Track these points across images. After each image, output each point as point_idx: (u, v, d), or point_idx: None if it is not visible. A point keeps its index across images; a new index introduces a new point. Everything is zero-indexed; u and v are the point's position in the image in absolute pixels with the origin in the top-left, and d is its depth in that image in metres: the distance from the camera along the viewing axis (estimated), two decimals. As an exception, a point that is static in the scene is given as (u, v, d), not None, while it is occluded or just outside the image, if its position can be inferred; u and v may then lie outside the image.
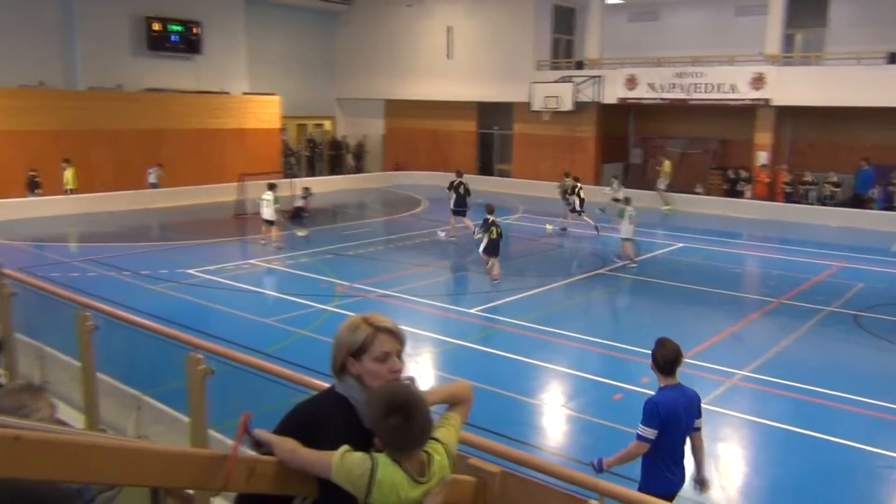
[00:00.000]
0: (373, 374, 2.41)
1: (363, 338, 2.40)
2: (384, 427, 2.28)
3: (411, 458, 2.33)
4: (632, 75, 26.49)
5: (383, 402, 2.29)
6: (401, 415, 2.26)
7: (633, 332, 11.74)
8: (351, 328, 2.44)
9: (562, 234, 20.57)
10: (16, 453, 1.79)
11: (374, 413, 2.31)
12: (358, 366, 2.43)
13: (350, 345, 2.42)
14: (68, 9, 25.44)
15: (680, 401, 5.04)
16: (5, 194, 21.57)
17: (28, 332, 7.65)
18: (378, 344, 2.41)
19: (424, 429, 2.33)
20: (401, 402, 2.29)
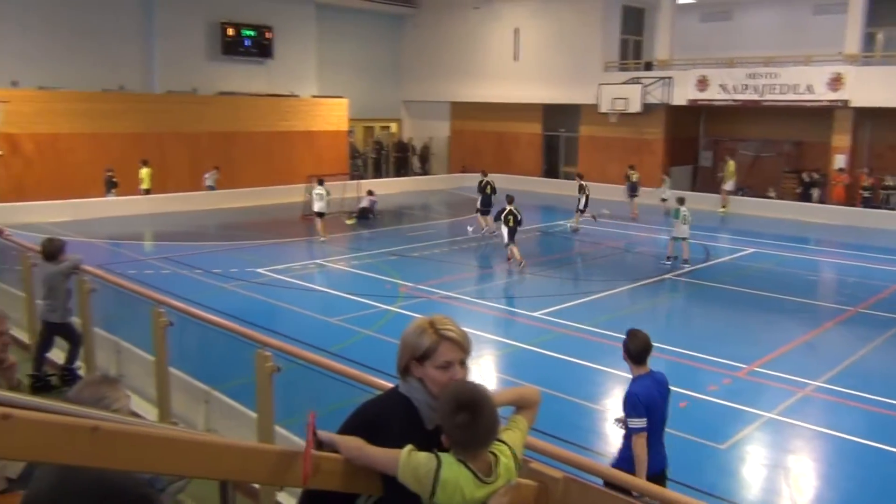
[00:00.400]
0: (434, 380, 2.42)
1: (427, 344, 2.41)
2: (451, 424, 2.29)
3: (477, 458, 2.32)
4: (703, 76, 25.92)
5: (451, 399, 2.30)
6: (468, 412, 2.27)
7: (701, 339, 11.48)
8: (417, 332, 2.45)
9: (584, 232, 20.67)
10: (94, 443, 1.85)
11: (442, 410, 2.32)
12: (420, 370, 2.44)
13: (414, 349, 2.43)
14: (149, 16, 26.43)
15: (654, 387, 5.37)
16: (86, 194, 22.50)
17: (106, 326, 7.95)
18: (441, 352, 2.41)
19: (491, 428, 2.33)
20: (468, 400, 2.29)
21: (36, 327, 7.80)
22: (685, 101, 26.52)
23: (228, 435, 5.86)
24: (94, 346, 7.17)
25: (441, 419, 2.33)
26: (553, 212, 25.79)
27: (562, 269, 16.81)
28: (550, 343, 11.27)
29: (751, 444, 8.07)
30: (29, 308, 7.88)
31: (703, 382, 9.51)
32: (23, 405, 1.99)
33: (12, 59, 22.55)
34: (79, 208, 21.54)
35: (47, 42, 23.90)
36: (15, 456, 2.02)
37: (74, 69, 24.32)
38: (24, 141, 22.42)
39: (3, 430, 1.72)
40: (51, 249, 7.44)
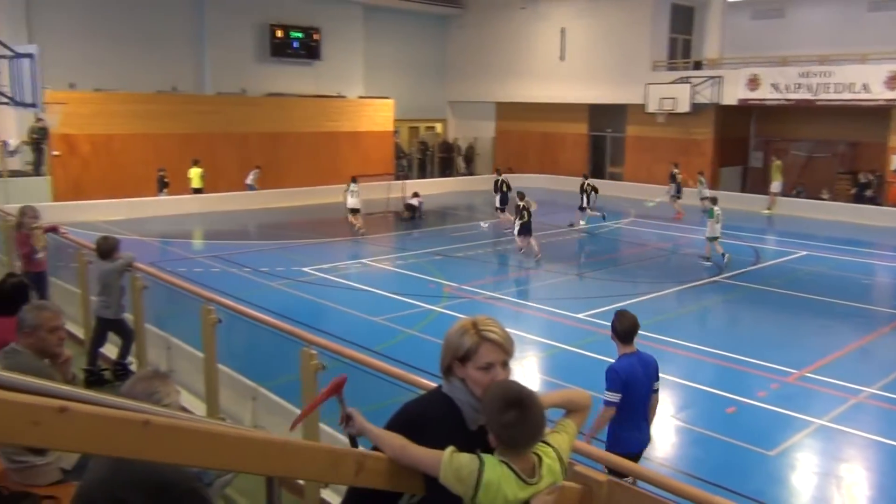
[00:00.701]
0: (475, 381, 2.41)
1: (469, 345, 2.40)
2: (499, 422, 2.28)
3: (522, 458, 2.32)
4: (754, 75, 25.42)
5: (499, 397, 2.29)
6: (517, 410, 2.26)
7: (749, 343, 11.25)
8: (459, 332, 2.44)
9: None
10: (145, 437, 1.90)
11: (490, 408, 2.30)
12: (462, 370, 2.44)
13: (456, 349, 2.43)
14: (200, 19, 27.00)
15: (637, 366, 5.54)
16: (139, 193, 23.06)
17: (157, 322, 8.14)
18: (482, 353, 2.40)
19: (539, 426, 2.32)
20: (516, 398, 2.28)
21: (90, 323, 8.02)
22: (735, 100, 26.04)
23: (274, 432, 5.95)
24: (146, 342, 7.34)
25: (488, 417, 2.32)
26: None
27: (607, 270, 16.64)
28: (595, 345, 11.15)
29: (801, 451, 7.89)
30: (84, 304, 8.10)
31: (752, 387, 9.33)
32: (78, 398, 2.06)
33: (70, 63, 23.20)
34: (132, 207, 22.09)
35: (103, 46, 24.56)
36: (70, 447, 2.09)
37: (129, 72, 24.95)
38: (80, 142, 23.07)
39: (60, 422, 1.77)
40: (105, 248, 7.64)
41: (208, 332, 5.90)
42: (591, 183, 22.28)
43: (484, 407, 2.34)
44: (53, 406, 1.77)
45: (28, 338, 4.01)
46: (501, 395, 2.30)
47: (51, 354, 4.12)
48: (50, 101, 19.39)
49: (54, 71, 20.50)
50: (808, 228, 22.00)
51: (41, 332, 4.03)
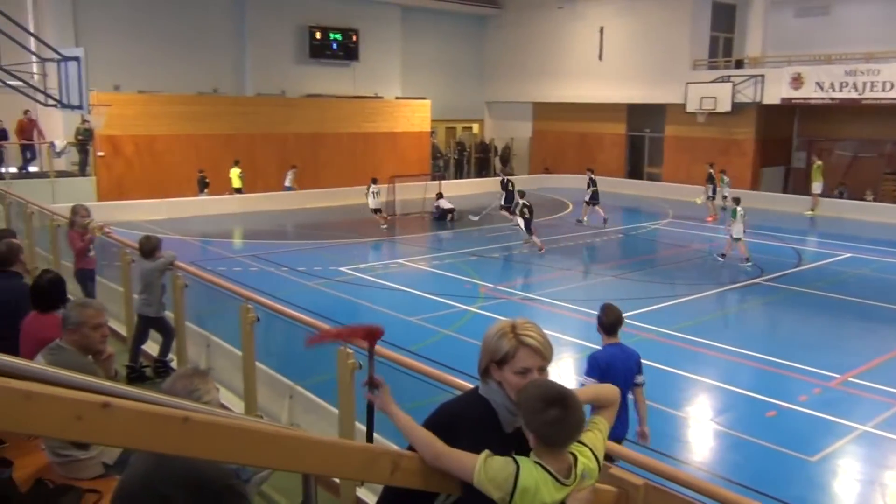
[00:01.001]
0: (512, 385, 2.40)
1: (506, 349, 2.38)
2: (542, 421, 2.25)
3: (558, 458, 2.30)
4: (797, 74, 24.94)
5: (540, 396, 2.27)
6: (559, 407, 2.24)
7: (790, 347, 11.05)
8: (497, 335, 2.42)
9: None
10: (185, 433, 1.93)
11: (530, 407, 2.28)
12: (499, 373, 2.43)
13: (494, 352, 2.41)
14: (241, 22, 27.38)
15: (618, 356, 5.95)
16: (180, 193, 23.46)
17: (197, 321, 8.26)
18: (520, 358, 2.38)
19: (579, 424, 2.31)
20: (557, 396, 2.26)
21: (133, 321, 8.18)
22: (778, 99, 25.57)
23: (310, 430, 6.00)
24: (186, 340, 7.45)
25: (527, 416, 2.29)
26: (637, 214, 25.33)
27: (644, 271, 16.47)
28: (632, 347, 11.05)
29: (843, 457, 7.72)
30: (127, 302, 8.25)
31: (793, 392, 9.16)
32: (120, 395, 2.10)
33: (115, 65, 23.69)
34: (174, 207, 22.46)
35: (147, 49, 25.03)
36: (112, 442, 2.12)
37: (172, 74, 25.40)
38: (124, 142, 23.54)
39: (102, 417, 1.81)
40: (147, 247, 7.78)
41: (247, 331, 5.97)
42: (594, 177, 22.53)
43: (523, 405, 2.31)
44: (96, 402, 1.81)
45: (72, 334, 4.10)
46: (542, 393, 2.28)
47: (94, 351, 4.21)
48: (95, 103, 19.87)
49: (100, 73, 20.95)
50: (852, 230, 21.52)
51: (85, 328, 4.11)
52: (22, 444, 4.34)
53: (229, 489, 2.91)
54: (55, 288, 5.02)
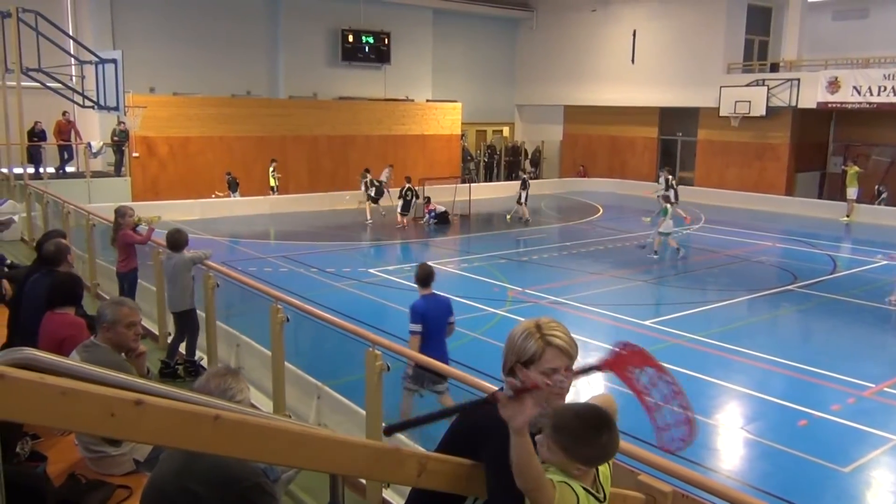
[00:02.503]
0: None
1: (533, 350, 2.37)
2: (592, 445, 2.22)
3: (587, 473, 2.30)
4: (834, 77, 24.53)
5: (590, 421, 2.24)
6: (607, 433, 2.23)
7: (823, 355, 10.87)
8: (523, 335, 2.41)
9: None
10: (215, 431, 1.95)
11: (581, 432, 2.23)
12: (525, 373, 2.43)
13: (519, 353, 2.40)
14: (275, 25, 27.67)
15: (433, 304, 7.30)
16: (213, 194, 23.75)
17: (227, 320, 8.35)
18: (546, 359, 2.36)
19: (618, 442, 2.31)
20: (605, 420, 2.25)
21: (165, 320, 8.30)
22: (814, 103, 25.17)
23: (338, 430, 6.04)
24: (217, 339, 7.54)
25: (576, 439, 2.24)
26: (668, 218, 25.06)
27: (675, 277, 16.31)
28: (661, 353, 10.93)
29: (877, 468, 7.57)
30: (160, 301, 8.37)
31: (826, 401, 9.01)
32: (153, 392, 2.13)
33: (150, 67, 24.06)
34: (206, 207, 22.75)
35: (182, 52, 25.39)
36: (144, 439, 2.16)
37: (206, 76, 25.73)
38: (158, 144, 23.90)
39: (135, 414, 1.84)
40: (175, 241, 7.86)
41: (276, 331, 6.02)
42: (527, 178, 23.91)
43: (568, 432, 2.25)
44: (129, 399, 1.84)
45: (107, 332, 4.17)
46: (591, 418, 2.25)
47: (127, 349, 4.28)
48: (131, 105, 20.21)
49: (136, 75, 21.28)
50: (890, 237, 21.11)
51: (119, 327, 4.18)
52: (56, 440, 4.43)
53: (258, 488, 2.94)
54: (68, 287, 5.08)
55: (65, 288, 5.03)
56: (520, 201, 22.86)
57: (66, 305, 4.91)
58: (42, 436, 4.36)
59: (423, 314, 7.14)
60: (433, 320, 7.20)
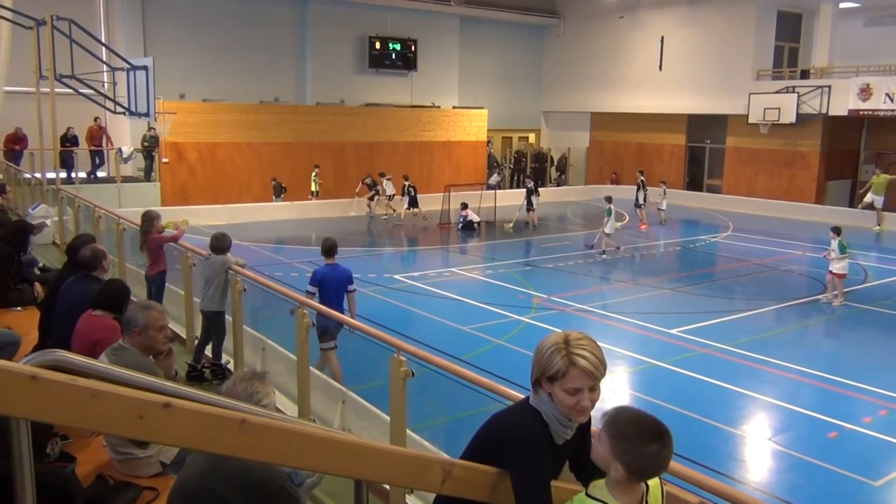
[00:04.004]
0: (561, 401, 2.38)
1: (558, 367, 2.35)
2: (641, 450, 2.20)
3: (634, 489, 2.28)
4: (866, 84, 24.17)
5: (645, 428, 2.23)
6: (659, 443, 2.20)
7: (855, 366, 10.69)
8: (551, 350, 2.38)
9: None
10: (241, 435, 1.97)
11: (632, 439, 2.21)
12: (549, 387, 2.40)
13: (545, 367, 2.39)
14: (303, 33, 27.93)
15: (331, 273, 8.38)
16: (241, 199, 23.99)
17: (253, 324, 8.41)
18: (570, 378, 2.34)
19: (671, 456, 2.26)
20: (661, 432, 2.22)
21: (193, 323, 8.37)
22: (845, 111, 24.81)
23: (362, 436, 6.05)
24: (243, 343, 7.59)
25: (627, 446, 2.22)
26: (695, 226, 24.88)
27: (702, 285, 16.15)
28: (688, 362, 10.86)
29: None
30: (188, 305, 8.45)
31: (857, 413, 8.86)
32: (181, 395, 2.16)
33: (181, 74, 24.39)
34: (234, 212, 22.95)
35: (212, 59, 25.70)
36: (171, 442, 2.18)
37: (235, 83, 26.01)
38: (188, 149, 24.19)
39: (163, 417, 1.86)
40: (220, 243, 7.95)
41: (302, 336, 6.05)
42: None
43: (621, 436, 2.23)
44: (158, 401, 1.86)
45: (138, 336, 4.22)
46: (644, 426, 2.23)
47: (157, 351, 4.33)
48: (162, 111, 20.48)
49: (166, 82, 21.61)
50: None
51: (151, 330, 4.24)
52: (85, 441, 4.48)
53: (283, 492, 2.95)
54: (118, 295, 5.15)
55: (113, 294, 5.08)
56: (529, 209, 22.97)
57: (106, 309, 4.97)
58: (71, 437, 4.42)
59: (320, 279, 8.27)
60: (331, 286, 8.29)
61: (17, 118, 20.55)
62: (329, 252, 8.54)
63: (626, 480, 2.25)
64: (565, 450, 2.55)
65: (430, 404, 7.77)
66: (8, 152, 21.42)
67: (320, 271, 8.39)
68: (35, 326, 6.09)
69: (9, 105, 20.37)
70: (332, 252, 8.54)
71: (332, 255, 8.54)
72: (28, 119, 18.84)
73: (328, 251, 8.55)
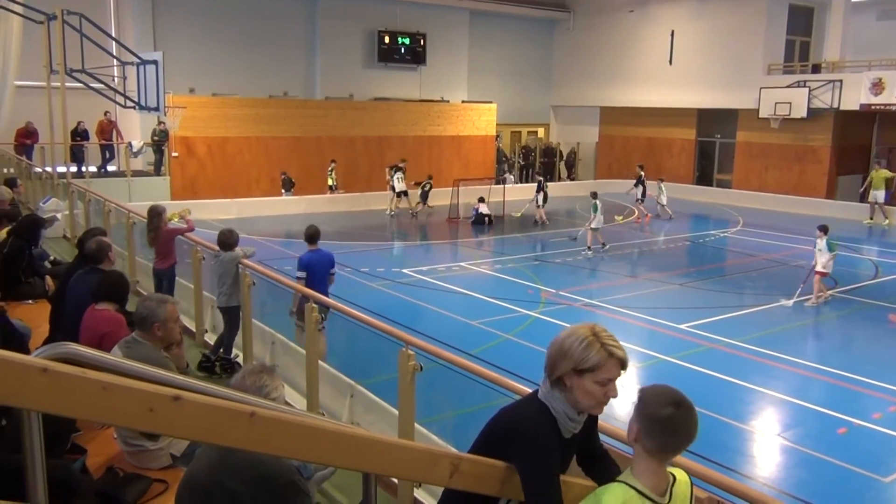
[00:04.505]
0: (589, 393, 2.39)
1: (596, 359, 2.36)
2: (659, 416, 2.21)
3: (659, 473, 2.29)
4: (878, 79, 23.98)
5: (662, 397, 2.24)
6: (677, 407, 2.21)
7: (864, 362, 10.64)
8: (583, 343, 2.39)
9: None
10: (251, 428, 1.98)
11: (651, 406, 2.24)
12: (576, 381, 2.40)
13: (579, 361, 2.38)
14: (312, 27, 27.91)
15: (315, 258, 8.88)
16: (249, 194, 24.04)
17: (262, 318, 8.44)
18: (606, 369, 2.38)
19: (694, 430, 2.25)
20: (677, 397, 2.24)
21: (202, 316, 8.41)
22: (857, 105, 24.63)
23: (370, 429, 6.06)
24: (252, 337, 7.62)
25: (647, 413, 2.24)
26: (705, 221, 24.80)
27: (711, 280, 16.09)
28: (697, 357, 10.83)
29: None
30: (197, 298, 8.49)
31: (867, 409, 8.82)
32: (191, 388, 2.17)
33: (190, 69, 24.42)
34: (243, 207, 23.01)
35: (221, 53, 25.72)
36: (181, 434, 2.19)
37: (244, 77, 26.03)
38: (197, 144, 24.25)
39: (173, 410, 1.88)
40: (227, 240, 7.99)
41: (311, 330, 6.07)
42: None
43: (641, 402, 2.27)
44: (168, 394, 1.88)
45: (158, 331, 4.25)
46: (663, 394, 2.26)
47: (174, 342, 4.37)
48: (171, 105, 20.52)
49: (176, 76, 21.62)
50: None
51: (169, 323, 4.29)
52: (95, 433, 4.52)
53: (291, 485, 2.97)
54: (116, 285, 5.18)
55: (111, 285, 5.13)
56: (538, 204, 22.79)
57: (109, 302, 5.00)
58: (82, 429, 4.45)
59: (307, 265, 8.80)
60: (316, 271, 8.81)
61: (29, 112, 20.65)
62: (312, 238, 8.99)
63: (647, 456, 2.26)
64: (572, 444, 2.56)
65: (438, 398, 7.78)
66: (19, 146, 21.52)
67: (306, 257, 8.86)
68: (46, 319, 6.14)
69: (20, 99, 20.48)
70: (314, 238, 9.00)
71: (315, 241, 9.00)
72: (39, 113, 18.94)
73: (311, 238, 9.00)
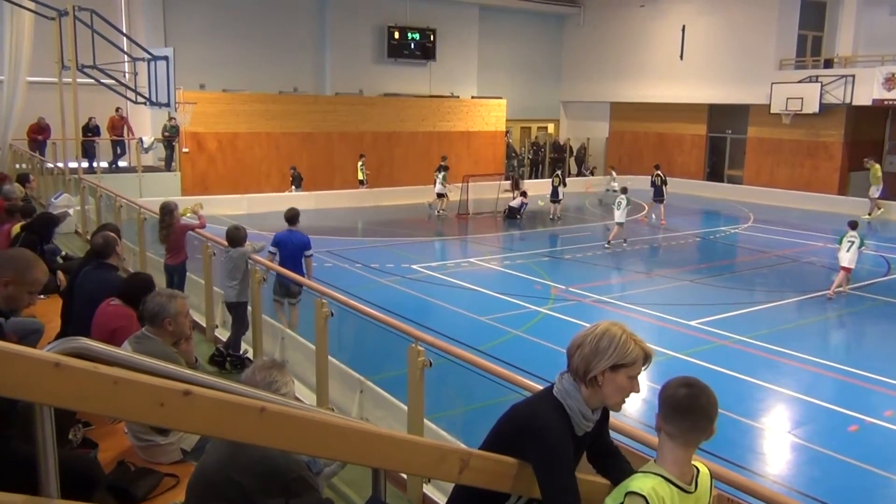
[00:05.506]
0: (620, 388, 2.47)
1: (634, 357, 2.46)
2: (676, 396, 2.36)
3: (685, 463, 2.38)
4: (891, 74, 23.78)
5: (679, 380, 2.41)
6: (691, 387, 2.36)
7: (876, 359, 10.57)
8: (622, 340, 2.46)
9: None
10: (261, 423, 1.99)
11: (669, 389, 2.38)
12: (610, 377, 2.44)
13: (619, 357, 2.44)
14: (322, 22, 27.92)
15: (288, 237, 9.44)
16: (259, 189, 24.09)
17: (272, 314, 8.47)
18: (638, 365, 2.48)
19: (712, 406, 2.36)
20: (692, 379, 2.40)
21: (212, 311, 8.44)
22: (869, 100, 24.45)
23: (379, 425, 6.07)
24: (262, 332, 7.64)
25: (664, 401, 2.38)
26: (716, 217, 24.70)
27: (722, 277, 16.02)
28: (707, 354, 10.79)
29: (932, 477, 7.35)
30: (208, 293, 8.52)
31: (878, 406, 8.77)
32: (201, 383, 2.18)
33: (201, 65, 24.47)
34: (253, 202, 23.06)
35: (231, 49, 25.75)
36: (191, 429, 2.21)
37: (254, 73, 26.06)
38: (208, 139, 24.32)
39: (183, 405, 1.89)
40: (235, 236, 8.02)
41: (320, 325, 6.08)
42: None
43: (661, 391, 2.41)
44: (178, 389, 1.89)
45: (169, 326, 4.26)
46: (680, 378, 2.42)
47: (185, 336, 4.39)
48: (182, 101, 20.59)
49: (186, 72, 21.67)
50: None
51: (181, 317, 4.32)
52: (107, 428, 4.54)
53: (301, 480, 2.98)
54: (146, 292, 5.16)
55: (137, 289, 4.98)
56: (554, 200, 22.79)
57: (128, 302, 5.00)
58: (94, 423, 4.48)
59: (277, 242, 9.38)
60: (287, 249, 9.31)
61: (40, 108, 20.74)
62: (291, 220, 9.53)
63: (670, 441, 2.35)
64: (584, 441, 2.56)
65: (447, 394, 7.79)
66: (31, 142, 21.63)
67: (279, 235, 9.44)
68: (58, 315, 6.17)
69: (32, 95, 20.58)
70: (293, 220, 9.52)
71: (294, 223, 9.50)
72: (50, 109, 19.03)
73: (290, 219, 9.54)
